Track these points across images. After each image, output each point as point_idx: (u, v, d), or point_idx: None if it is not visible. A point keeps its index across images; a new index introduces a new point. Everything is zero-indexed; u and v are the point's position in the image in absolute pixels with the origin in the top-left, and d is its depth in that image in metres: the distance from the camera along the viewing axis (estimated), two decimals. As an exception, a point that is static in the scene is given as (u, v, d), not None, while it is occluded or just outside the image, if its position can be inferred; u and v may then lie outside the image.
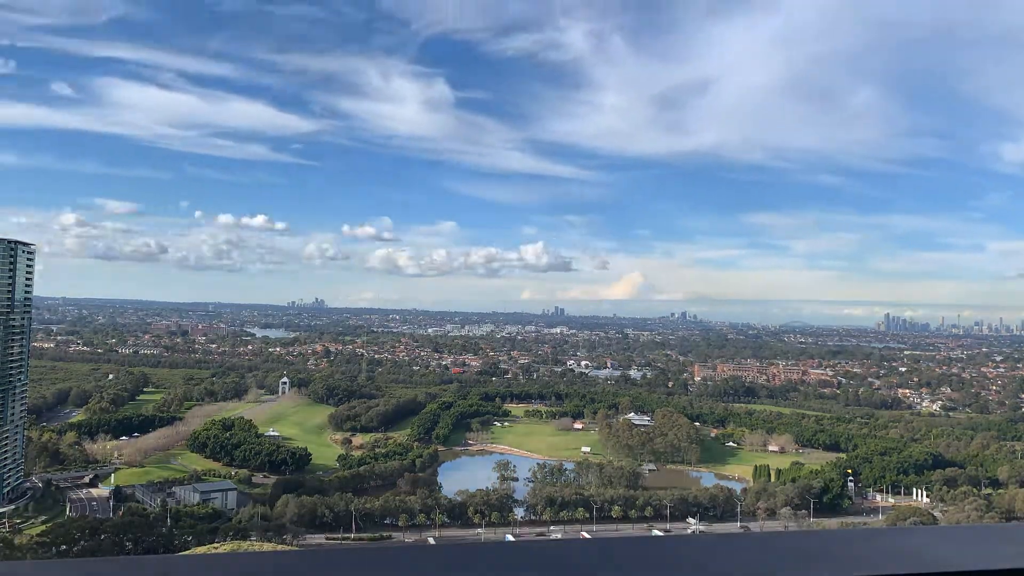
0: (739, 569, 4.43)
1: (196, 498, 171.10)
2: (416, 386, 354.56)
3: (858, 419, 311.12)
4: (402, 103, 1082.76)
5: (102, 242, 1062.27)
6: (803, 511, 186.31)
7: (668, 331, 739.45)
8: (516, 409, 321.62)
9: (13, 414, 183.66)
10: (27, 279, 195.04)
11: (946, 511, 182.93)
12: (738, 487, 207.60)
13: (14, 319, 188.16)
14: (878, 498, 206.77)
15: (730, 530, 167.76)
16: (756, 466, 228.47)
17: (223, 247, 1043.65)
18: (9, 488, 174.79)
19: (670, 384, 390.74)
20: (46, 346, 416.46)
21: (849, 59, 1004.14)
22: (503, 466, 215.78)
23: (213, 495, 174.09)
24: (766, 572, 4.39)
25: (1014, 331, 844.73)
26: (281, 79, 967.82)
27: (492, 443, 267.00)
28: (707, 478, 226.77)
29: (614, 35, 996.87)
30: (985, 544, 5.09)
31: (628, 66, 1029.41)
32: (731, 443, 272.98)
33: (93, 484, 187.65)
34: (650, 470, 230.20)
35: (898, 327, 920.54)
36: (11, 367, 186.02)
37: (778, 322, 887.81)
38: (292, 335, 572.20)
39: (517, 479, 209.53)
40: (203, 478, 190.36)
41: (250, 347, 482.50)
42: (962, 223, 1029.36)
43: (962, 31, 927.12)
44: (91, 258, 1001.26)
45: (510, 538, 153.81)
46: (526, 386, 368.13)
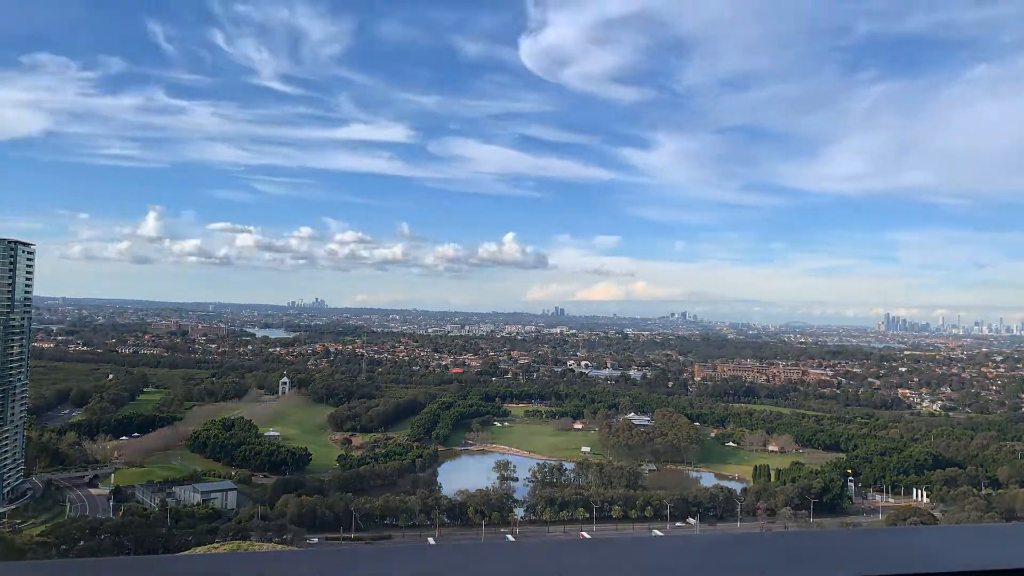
0: (739, 569, 4.41)
1: (196, 498, 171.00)
2: (416, 386, 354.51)
3: (858, 419, 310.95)
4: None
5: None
6: (803, 511, 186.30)
7: (668, 331, 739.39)
8: (516, 409, 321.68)
9: (13, 414, 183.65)
10: (27, 279, 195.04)
11: (946, 511, 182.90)
12: (738, 487, 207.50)
13: (14, 319, 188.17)
14: (878, 498, 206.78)
15: (730, 530, 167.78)
16: (756, 466, 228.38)
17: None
18: (9, 488, 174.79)
19: (670, 384, 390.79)
20: (46, 346, 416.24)
21: None
22: (503, 466, 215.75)
23: (213, 495, 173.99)
24: (766, 572, 4.35)
25: (1014, 331, 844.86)
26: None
27: (492, 443, 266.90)
28: (707, 478, 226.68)
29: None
30: (985, 544, 5.07)
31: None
32: (731, 443, 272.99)
33: (93, 484, 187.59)
34: (650, 470, 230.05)
35: (898, 327, 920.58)
36: (11, 367, 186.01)
37: (780, 322, 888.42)
38: (292, 335, 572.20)
39: (517, 479, 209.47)
40: (203, 478, 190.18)
41: (250, 347, 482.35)
42: None
43: None
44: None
45: (510, 538, 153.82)
46: (526, 386, 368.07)
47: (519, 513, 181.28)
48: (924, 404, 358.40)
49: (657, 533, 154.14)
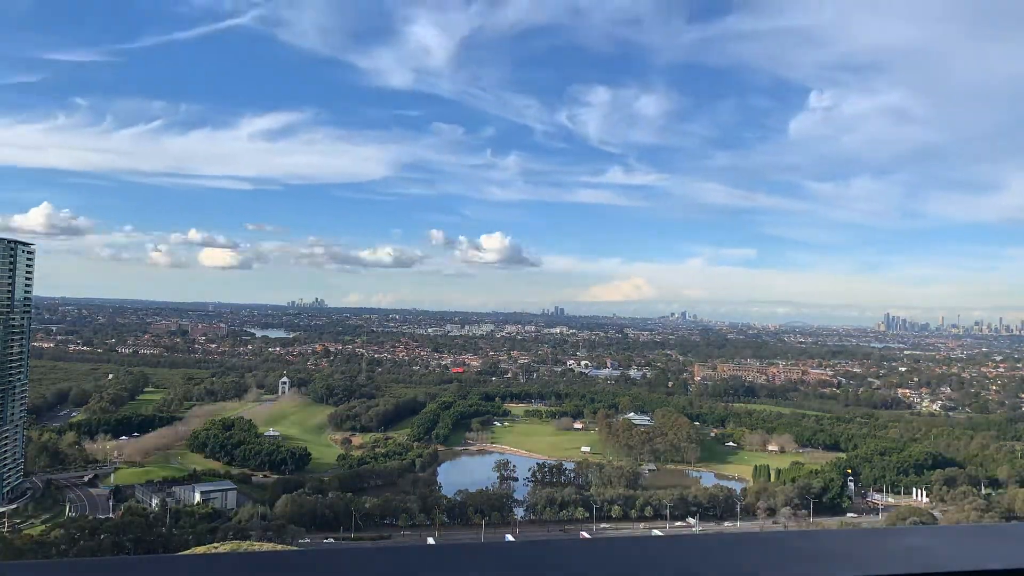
0: (739, 569, 4.41)
1: (196, 498, 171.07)
2: (416, 386, 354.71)
3: (858, 419, 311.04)
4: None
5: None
6: (803, 511, 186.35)
7: (668, 331, 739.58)
8: (516, 409, 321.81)
9: (13, 414, 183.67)
10: (27, 279, 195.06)
11: (946, 511, 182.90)
12: (738, 487, 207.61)
13: (14, 319, 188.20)
14: (878, 498, 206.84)
15: (730, 530, 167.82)
16: (756, 466, 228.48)
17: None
18: (9, 488, 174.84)
19: (670, 384, 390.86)
20: (46, 346, 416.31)
21: None
22: (503, 466, 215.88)
23: (213, 495, 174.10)
24: (766, 572, 4.37)
25: (1014, 331, 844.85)
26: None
27: (492, 443, 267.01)
28: (707, 478, 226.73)
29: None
30: (985, 544, 5.07)
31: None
32: (731, 443, 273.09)
33: (93, 484, 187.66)
34: (650, 470, 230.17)
35: (898, 327, 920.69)
36: (11, 367, 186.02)
37: (780, 322, 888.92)
38: (292, 335, 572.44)
39: (517, 479, 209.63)
40: (203, 478, 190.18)
41: (250, 347, 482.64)
42: None
43: None
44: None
45: (510, 538, 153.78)
46: (526, 386, 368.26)
47: (519, 513, 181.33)
48: (924, 404, 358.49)
49: (657, 533, 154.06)
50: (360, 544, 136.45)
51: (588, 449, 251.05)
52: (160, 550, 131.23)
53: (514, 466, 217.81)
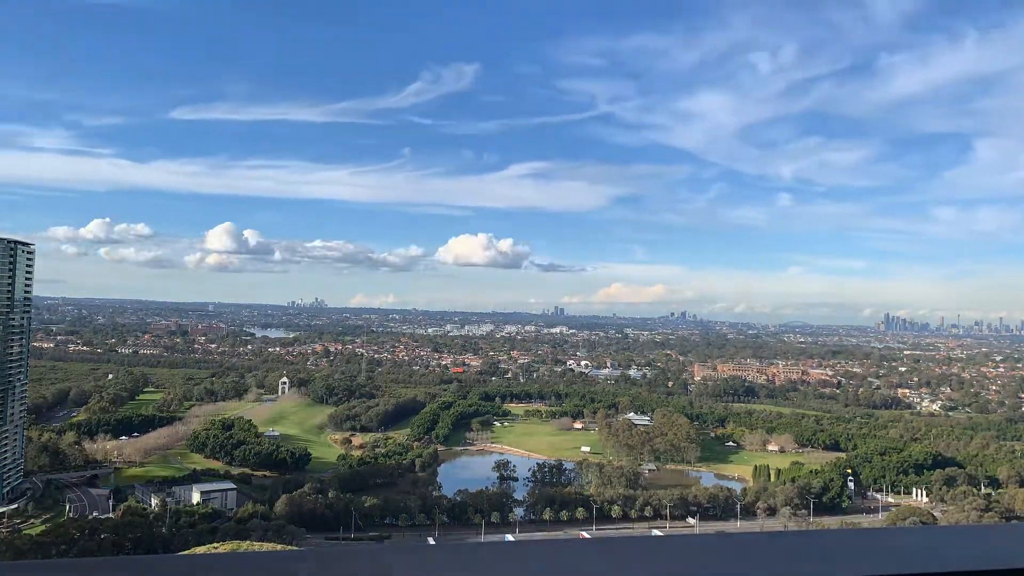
0: (739, 569, 4.41)
1: (196, 498, 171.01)
2: (416, 386, 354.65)
3: (858, 419, 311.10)
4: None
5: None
6: (803, 511, 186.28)
7: (668, 331, 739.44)
8: (516, 409, 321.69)
9: (13, 414, 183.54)
10: (27, 279, 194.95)
11: (946, 511, 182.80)
12: (738, 487, 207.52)
13: (14, 319, 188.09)
14: (878, 498, 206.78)
15: (730, 530, 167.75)
16: (756, 466, 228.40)
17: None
18: (9, 488, 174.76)
19: (670, 384, 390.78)
20: (46, 346, 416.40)
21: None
22: (503, 466, 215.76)
23: (213, 495, 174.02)
24: (766, 572, 4.38)
25: (1014, 331, 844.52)
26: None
27: (492, 443, 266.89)
28: (707, 478, 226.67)
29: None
30: (985, 544, 5.07)
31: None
32: (731, 443, 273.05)
33: (93, 484, 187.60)
34: (650, 470, 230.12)
35: (898, 327, 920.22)
36: (11, 367, 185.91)
37: (780, 322, 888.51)
38: (292, 335, 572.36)
39: (517, 479, 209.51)
40: (203, 478, 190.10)
41: (250, 347, 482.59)
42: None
43: None
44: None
45: (510, 538, 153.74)
46: (526, 386, 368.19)
47: (519, 513, 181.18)
48: (924, 404, 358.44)
49: (657, 533, 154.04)
50: (360, 544, 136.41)
51: (588, 449, 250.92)
52: (160, 550, 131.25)
53: (514, 466, 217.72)
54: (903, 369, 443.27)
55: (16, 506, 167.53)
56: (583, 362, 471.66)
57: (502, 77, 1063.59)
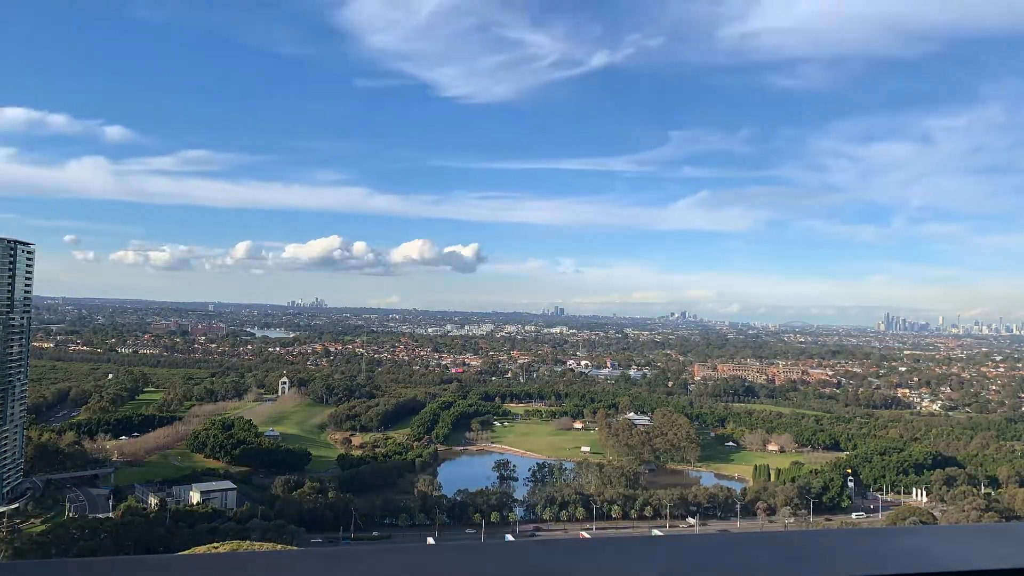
0: (739, 569, 4.42)
1: (196, 498, 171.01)
2: (416, 386, 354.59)
3: (858, 419, 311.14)
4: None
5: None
6: (803, 511, 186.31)
7: (668, 331, 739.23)
8: (516, 409, 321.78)
9: (13, 414, 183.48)
10: (27, 279, 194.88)
11: (946, 511, 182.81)
12: (738, 487, 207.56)
13: (14, 319, 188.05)
14: (878, 498, 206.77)
15: (730, 530, 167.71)
16: (756, 466, 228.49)
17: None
18: (9, 488, 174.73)
19: (670, 384, 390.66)
20: (46, 346, 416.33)
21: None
22: (503, 466, 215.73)
23: (213, 495, 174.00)
24: (766, 572, 4.38)
25: (1014, 331, 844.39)
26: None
27: (492, 443, 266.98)
28: (707, 478, 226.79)
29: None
30: (985, 544, 5.05)
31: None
32: (731, 443, 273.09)
33: (93, 484, 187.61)
34: (650, 470, 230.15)
35: (898, 327, 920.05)
36: (11, 367, 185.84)
37: (780, 322, 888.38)
38: (292, 335, 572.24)
39: (517, 479, 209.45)
40: (203, 478, 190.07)
41: (250, 347, 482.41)
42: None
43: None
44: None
45: (510, 538, 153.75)
46: (526, 386, 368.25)
47: (519, 513, 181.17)
48: (924, 404, 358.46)
49: (657, 533, 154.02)
50: (360, 544, 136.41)
51: (588, 449, 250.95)
52: (160, 550, 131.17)
53: (514, 466, 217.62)
54: (903, 369, 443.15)
55: (16, 506, 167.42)
56: (583, 362, 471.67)
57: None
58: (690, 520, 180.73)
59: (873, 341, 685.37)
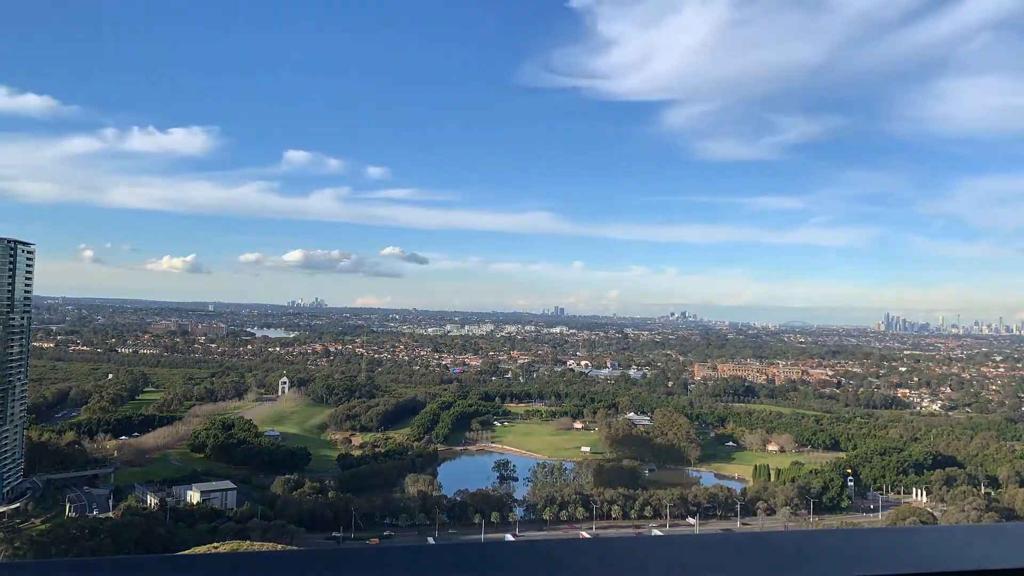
0: (739, 569, 4.40)
1: (196, 498, 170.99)
2: (416, 386, 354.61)
3: (858, 419, 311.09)
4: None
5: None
6: (803, 511, 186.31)
7: (668, 331, 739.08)
8: (516, 409, 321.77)
9: (13, 414, 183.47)
10: (27, 279, 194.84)
11: (946, 511, 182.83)
12: (738, 487, 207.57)
13: (14, 319, 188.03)
14: (878, 498, 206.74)
15: (730, 530, 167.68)
16: (756, 466, 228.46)
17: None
18: (9, 488, 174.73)
19: (670, 384, 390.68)
20: (46, 346, 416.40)
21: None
22: (503, 466, 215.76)
23: (213, 495, 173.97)
24: (766, 572, 4.39)
25: (1014, 331, 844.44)
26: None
27: (492, 443, 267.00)
28: (707, 478, 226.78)
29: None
30: (985, 544, 5.06)
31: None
32: (731, 443, 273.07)
33: (93, 484, 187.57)
34: (650, 470, 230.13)
35: (898, 327, 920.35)
36: (11, 367, 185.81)
37: (780, 322, 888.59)
38: (292, 335, 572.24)
39: (517, 479, 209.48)
40: (203, 478, 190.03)
41: (250, 347, 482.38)
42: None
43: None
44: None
45: (510, 538, 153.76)
46: (526, 386, 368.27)
47: (519, 513, 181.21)
48: (924, 404, 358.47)
49: (657, 533, 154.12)
50: (360, 544, 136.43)
51: (588, 449, 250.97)
52: (160, 550, 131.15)
53: (514, 466, 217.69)
54: (903, 369, 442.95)
55: (16, 506, 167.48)
56: (583, 362, 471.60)
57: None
58: (690, 520, 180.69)
59: (873, 341, 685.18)
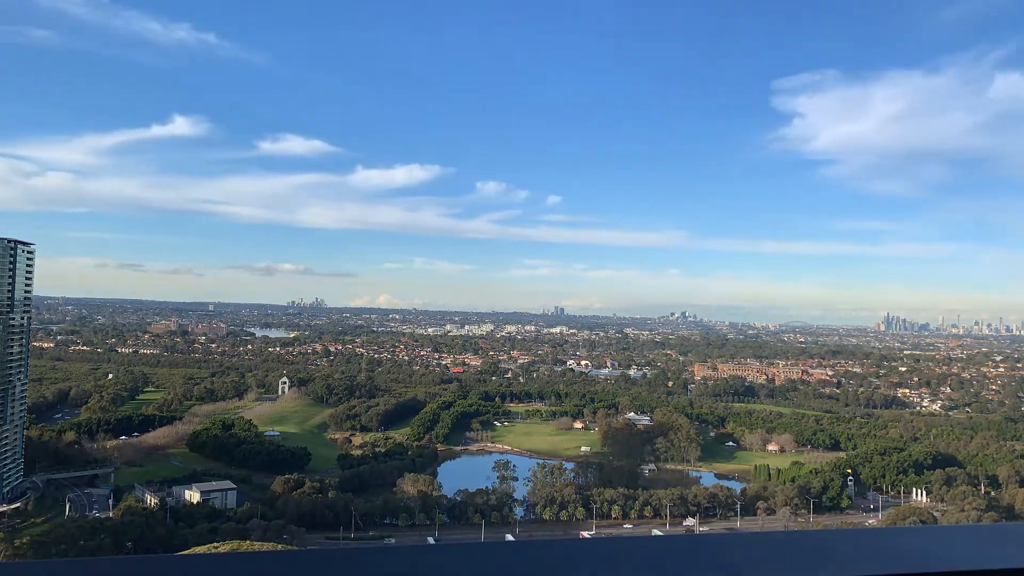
0: (739, 569, 4.39)
1: (196, 498, 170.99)
2: (416, 386, 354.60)
3: (858, 419, 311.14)
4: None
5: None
6: (803, 511, 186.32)
7: (668, 331, 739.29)
8: (516, 408, 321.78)
9: (13, 414, 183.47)
10: (27, 279, 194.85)
11: (946, 511, 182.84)
12: (738, 487, 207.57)
13: (14, 319, 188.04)
14: (878, 498, 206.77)
15: (730, 530, 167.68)
16: (756, 466, 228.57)
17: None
18: (9, 488, 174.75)
19: (670, 384, 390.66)
20: (46, 346, 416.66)
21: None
22: (503, 466, 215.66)
23: (213, 495, 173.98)
24: (766, 572, 4.39)
25: (1014, 331, 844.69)
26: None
27: (492, 442, 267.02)
28: (707, 478, 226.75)
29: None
30: (985, 544, 5.06)
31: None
32: (731, 443, 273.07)
33: (93, 484, 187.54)
34: (650, 470, 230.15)
35: (898, 327, 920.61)
36: (11, 367, 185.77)
37: (780, 322, 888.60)
38: (292, 335, 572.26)
39: (517, 479, 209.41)
40: (203, 478, 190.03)
41: (250, 347, 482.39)
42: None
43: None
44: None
45: (510, 538, 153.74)
46: (526, 386, 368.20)
47: (519, 513, 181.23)
48: (924, 404, 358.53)
49: (657, 533, 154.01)
50: (360, 544, 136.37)
51: (588, 449, 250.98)
52: (160, 550, 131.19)
53: (514, 466, 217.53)
54: (903, 369, 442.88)
55: (16, 506, 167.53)
56: (583, 362, 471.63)
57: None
58: (690, 520, 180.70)
59: (873, 341, 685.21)
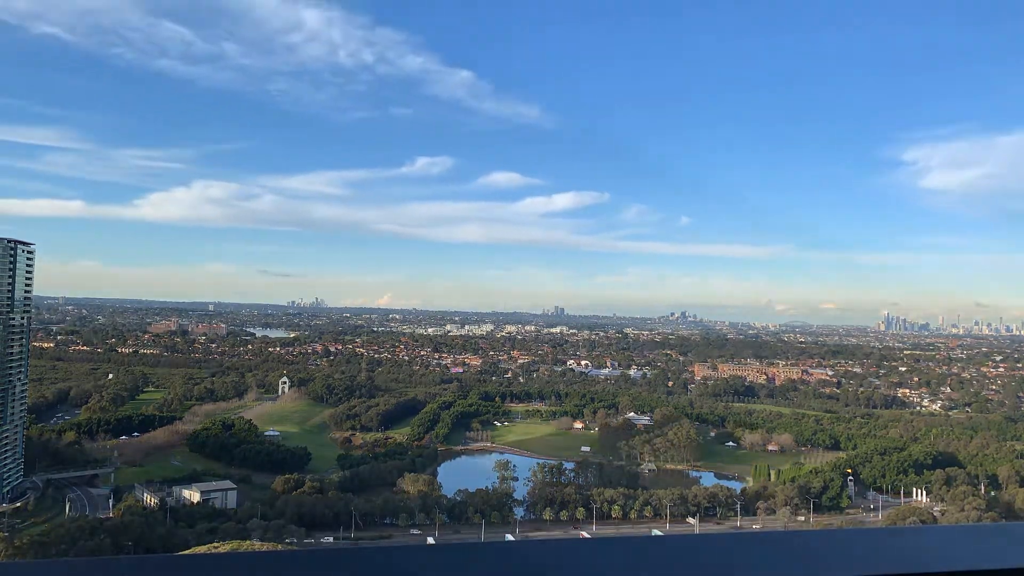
0: (739, 569, 4.41)
1: (196, 498, 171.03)
2: (416, 386, 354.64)
3: (858, 419, 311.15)
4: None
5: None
6: (803, 511, 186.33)
7: (668, 331, 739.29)
8: (516, 408, 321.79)
9: (13, 414, 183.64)
10: (27, 279, 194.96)
11: (946, 511, 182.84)
12: (738, 487, 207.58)
13: (14, 319, 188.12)
14: (878, 498, 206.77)
15: (730, 530, 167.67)
16: (756, 466, 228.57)
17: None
18: (9, 488, 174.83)
19: (670, 384, 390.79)
20: (46, 346, 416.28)
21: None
22: (503, 466, 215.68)
23: (213, 495, 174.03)
24: (766, 572, 4.38)
25: (1014, 331, 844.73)
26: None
27: (492, 442, 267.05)
28: (707, 478, 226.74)
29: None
30: (985, 544, 5.05)
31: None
32: (731, 443, 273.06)
33: (93, 484, 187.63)
34: (650, 470, 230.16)
35: (898, 327, 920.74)
36: (11, 367, 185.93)
37: (780, 322, 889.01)
38: (292, 335, 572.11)
39: (517, 479, 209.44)
40: (203, 478, 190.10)
41: (250, 347, 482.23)
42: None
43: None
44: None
45: (510, 538, 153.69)
46: (526, 386, 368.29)
47: (519, 513, 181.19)
48: (924, 403, 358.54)
49: (657, 533, 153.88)
50: (360, 544, 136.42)
51: (588, 449, 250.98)
52: (160, 550, 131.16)
53: (514, 466, 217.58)
54: (903, 369, 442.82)
55: (16, 506, 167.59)
56: (583, 362, 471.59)
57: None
58: (690, 520, 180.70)
59: (873, 341, 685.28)
